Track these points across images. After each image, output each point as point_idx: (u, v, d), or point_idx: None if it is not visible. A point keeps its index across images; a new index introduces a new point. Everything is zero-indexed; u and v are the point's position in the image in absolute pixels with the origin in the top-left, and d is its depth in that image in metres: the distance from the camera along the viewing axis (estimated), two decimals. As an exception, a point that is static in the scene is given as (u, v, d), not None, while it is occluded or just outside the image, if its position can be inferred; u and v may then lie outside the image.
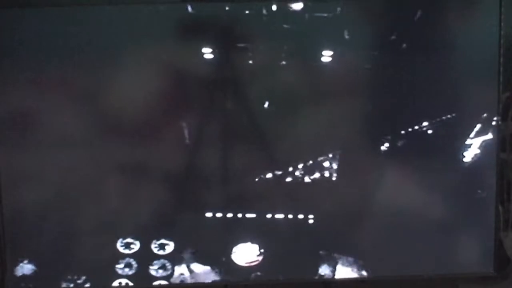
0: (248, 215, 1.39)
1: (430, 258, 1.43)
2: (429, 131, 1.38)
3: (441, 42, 1.37)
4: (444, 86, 1.38)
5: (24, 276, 1.39)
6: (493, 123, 1.38)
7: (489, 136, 1.38)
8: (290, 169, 1.38)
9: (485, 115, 1.38)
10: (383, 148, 1.39)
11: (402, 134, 1.38)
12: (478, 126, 1.38)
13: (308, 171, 1.39)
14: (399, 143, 1.38)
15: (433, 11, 1.36)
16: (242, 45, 1.34)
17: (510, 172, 1.53)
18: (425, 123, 1.38)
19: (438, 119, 1.38)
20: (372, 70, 1.38)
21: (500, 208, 1.44)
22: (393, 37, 1.36)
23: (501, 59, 1.36)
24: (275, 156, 1.38)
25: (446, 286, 1.51)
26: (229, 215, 1.39)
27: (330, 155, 1.38)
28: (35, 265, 1.39)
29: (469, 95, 1.39)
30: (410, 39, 1.37)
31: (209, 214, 1.39)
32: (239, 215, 1.39)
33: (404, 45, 1.37)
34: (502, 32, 1.35)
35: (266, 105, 1.36)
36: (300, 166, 1.38)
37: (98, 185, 1.38)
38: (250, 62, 1.35)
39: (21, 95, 1.34)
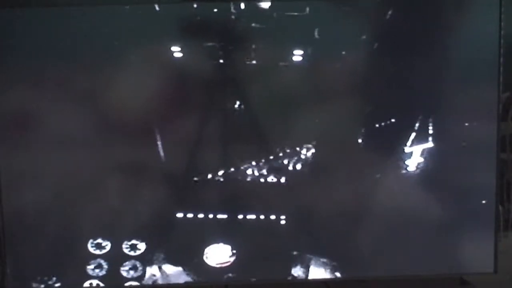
0: (219, 216, 1.39)
1: (430, 258, 1.43)
2: (424, 130, 1.39)
3: (441, 42, 1.37)
4: (444, 86, 1.39)
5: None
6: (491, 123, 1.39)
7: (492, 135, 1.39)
8: (262, 170, 1.38)
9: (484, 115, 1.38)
10: (359, 146, 1.38)
11: (392, 131, 1.39)
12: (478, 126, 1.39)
13: (281, 171, 1.38)
14: (384, 139, 1.39)
15: (433, 11, 1.36)
16: (241, 44, 1.34)
17: (510, 172, 1.53)
18: (419, 123, 1.38)
19: (434, 119, 1.38)
20: (375, 69, 1.39)
21: (500, 208, 1.44)
22: (394, 36, 1.37)
23: (501, 59, 1.36)
24: (245, 156, 1.38)
25: (446, 286, 1.51)
26: (200, 215, 1.39)
27: (303, 156, 1.38)
28: (3, 265, 1.38)
29: (469, 95, 1.38)
30: (410, 39, 1.37)
31: (180, 215, 1.39)
32: (210, 216, 1.39)
33: (404, 45, 1.37)
34: (502, 32, 1.35)
35: (237, 105, 1.36)
36: (272, 166, 1.38)
37: (68, 184, 1.37)
38: (248, 62, 1.35)
39: (21, 95, 1.35)
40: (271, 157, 1.38)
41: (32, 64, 1.33)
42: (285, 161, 1.38)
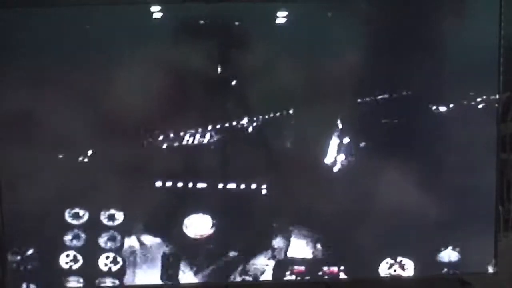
0: (199, 185, 1.37)
1: (430, 258, 1.43)
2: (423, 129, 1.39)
3: (441, 42, 1.37)
4: (444, 86, 1.39)
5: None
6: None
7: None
8: (242, 136, 1.36)
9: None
10: (347, 122, 1.38)
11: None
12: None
13: (261, 139, 1.36)
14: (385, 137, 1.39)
15: (433, 11, 1.36)
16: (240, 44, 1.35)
17: (510, 172, 1.54)
18: (420, 122, 1.39)
19: (432, 119, 1.38)
20: (374, 69, 1.39)
21: (500, 208, 1.44)
22: (393, 36, 1.37)
23: (501, 59, 1.36)
24: (225, 123, 1.35)
25: (446, 286, 1.51)
26: (180, 184, 1.37)
27: (284, 124, 1.36)
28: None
29: (469, 95, 1.39)
30: (410, 38, 1.37)
31: (158, 184, 1.37)
32: (190, 185, 1.37)
33: (404, 45, 1.37)
34: (502, 32, 1.35)
35: (234, 83, 1.35)
36: (252, 132, 1.36)
37: (50, 154, 1.35)
38: (249, 61, 1.35)
39: (21, 95, 1.34)
40: (250, 124, 1.35)
41: (32, 64, 1.33)
42: (265, 129, 1.36)
